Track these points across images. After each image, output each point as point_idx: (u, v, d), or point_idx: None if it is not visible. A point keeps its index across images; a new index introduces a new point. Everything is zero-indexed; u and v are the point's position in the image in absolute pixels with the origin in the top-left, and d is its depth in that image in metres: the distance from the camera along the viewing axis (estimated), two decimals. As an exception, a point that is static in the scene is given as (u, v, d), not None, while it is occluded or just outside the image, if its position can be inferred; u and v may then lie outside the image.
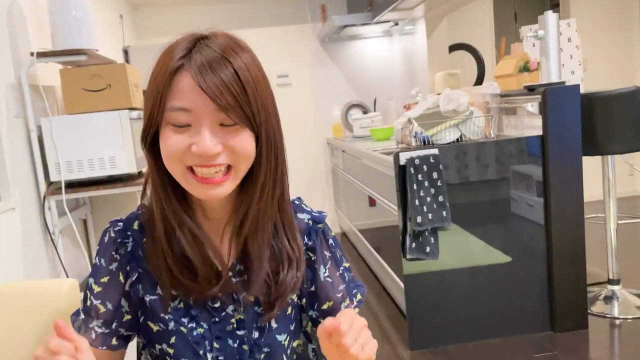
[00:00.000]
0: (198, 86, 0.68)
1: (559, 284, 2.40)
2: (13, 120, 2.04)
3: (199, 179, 0.72)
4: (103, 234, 0.84)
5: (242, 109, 0.70)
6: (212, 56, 0.70)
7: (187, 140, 0.71)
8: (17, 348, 1.03)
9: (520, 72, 2.59)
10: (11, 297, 1.07)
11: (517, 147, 2.37)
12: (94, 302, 0.82)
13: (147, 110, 0.74)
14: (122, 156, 2.15)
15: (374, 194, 3.01)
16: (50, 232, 2.15)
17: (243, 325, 0.83)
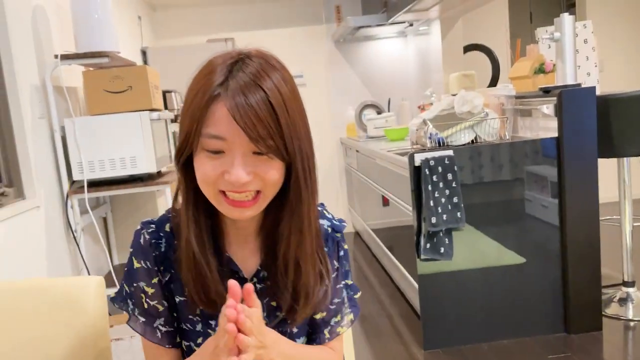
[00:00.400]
0: (232, 117, 0.71)
1: (574, 285, 2.41)
2: (37, 121, 2.10)
3: (230, 201, 0.75)
4: (137, 236, 0.86)
5: (274, 139, 0.72)
6: (246, 81, 0.72)
7: (220, 167, 0.74)
8: (43, 343, 1.05)
9: (536, 74, 2.59)
10: (38, 293, 1.10)
11: (532, 148, 2.38)
12: (151, 304, 0.85)
13: (183, 132, 0.76)
14: (143, 156, 2.20)
15: (388, 194, 3.03)
16: (72, 230, 2.21)
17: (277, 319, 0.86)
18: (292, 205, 0.79)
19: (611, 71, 4.53)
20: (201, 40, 4.25)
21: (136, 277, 0.85)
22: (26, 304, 1.08)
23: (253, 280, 0.85)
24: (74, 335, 1.07)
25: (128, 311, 0.87)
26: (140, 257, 0.85)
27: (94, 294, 1.11)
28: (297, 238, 0.80)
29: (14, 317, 1.08)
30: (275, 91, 0.73)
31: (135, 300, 0.86)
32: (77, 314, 1.09)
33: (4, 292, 1.11)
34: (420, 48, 4.38)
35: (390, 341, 2.57)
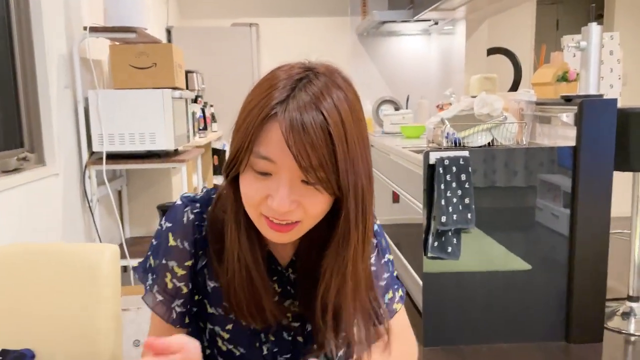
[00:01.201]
0: (285, 141, 0.65)
1: (578, 295, 2.41)
2: (62, 91, 2.14)
3: (269, 222, 0.71)
4: (179, 213, 0.81)
5: (325, 171, 0.66)
6: (306, 102, 0.66)
7: (265, 190, 0.69)
8: (55, 305, 1.09)
9: (559, 82, 2.58)
10: (54, 257, 1.13)
11: (548, 156, 2.38)
12: (177, 285, 0.82)
13: (234, 146, 0.71)
14: (162, 133, 2.23)
15: (399, 191, 3.04)
16: (88, 200, 2.25)
17: (298, 318, 0.83)
18: (337, 245, 0.73)
19: (634, 85, 4.49)
20: (225, 24, 4.27)
21: (168, 255, 0.81)
22: (41, 266, 1.11)
23: (288, 271, 0.83)
24: (86, 300, 1.09)
25: (145, 285, 0.85)
26: (179, 235, 0.80)
27: (108, 261, 1.13)
28: (338, 282, 0.74)
29: (28, 278, 1.11)
30: (335, 116, 0.66)
31: (157, 277, 0.82)
32: (90, 279, 1.11)
33: (20, 253, 1.14)
34: (444, 47, 4.36)
35: (390, 335, 2.59)
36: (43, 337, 1.10)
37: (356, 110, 0.70)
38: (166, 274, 0.82)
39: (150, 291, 0.83)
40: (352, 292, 0.74)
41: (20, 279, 1.11)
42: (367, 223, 0.73)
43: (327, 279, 0.74)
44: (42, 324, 1.10)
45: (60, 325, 1.10)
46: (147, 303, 0.84)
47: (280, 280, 0.82)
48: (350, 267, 0.73)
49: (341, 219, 0.71)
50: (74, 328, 1.10)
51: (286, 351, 0.86)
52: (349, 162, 0.68)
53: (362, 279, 0.76)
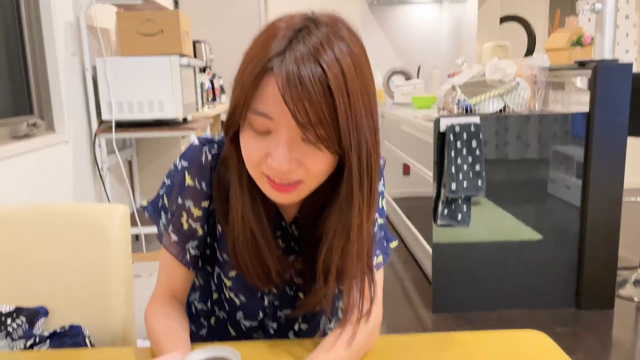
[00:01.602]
0: (282, 97, 0.61)
1: (589, 263, 2.40)
2: (70, 58, 2.13)
3: (271, 183, 0.68)
4: (197, 152, 0.79)
5: (325, 129, 0.62)
6: (304, 54, 0.61)
7: (264, 149, 0.66)
8: (67, 265, 1.09)
9: (573, 46, 2.53)
10: (65, 217, 1.13)
11: (561, 123, 2.34)
12: (193, 226, 0.80)
13: (232, 102, 0.68)
14: (170, 101, 2.22)
15: (410, 161, 3.02)
16: (99, 168, 2.26)
17: (301, 274, 0.82)
18: (341, 206, 0.70)
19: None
20: (234, -7, 4.21)
21: (184, 194, 0.79)
22: (52, 226, 1.12)
23: (292, 227, 0.82)
24: (96, 259, 1.10)
25: (159, 224, 0.83)
26: (196, 175, 0.78)
27: (118, 220, 1.13)
28: (341, 243, 0.71)
29: (40, 238, 1.11)
30: (336, 69, 0.62)
31: (173, 216, 0.81)
32: (101, 239, 1.12)
33: (31, 213, 1.15)
34: (455, 16, 4.28)
35: (399, 303, 2.61)
36: (56, 295, 1.10)
37: (360, 63, 0.65)
38: (182, 214, 0.80)
39: (165, 231, 0.82)
40: (356, 254, 0.71)
41: (31, 239, 1.12)
42: (372, 183, 0.69)
43: (329, 240, 0.72)
44: (55, 283, 1.11)
45: (72, 284, 1.11)
46: (161, 242, 0.83)
47: (284, 235, 0.82)
48: (356, 228, 0.70)
49: (344, 179, 0.67)
50: (86, 287, 1.10)
51: (287, 306, 0.85)
52: (351, 119, 0.63)
53: (367, 241, 0.73)
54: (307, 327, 0.89)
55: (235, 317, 0.88)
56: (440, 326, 2.35)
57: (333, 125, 0.62)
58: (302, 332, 0.89)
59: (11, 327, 1.05)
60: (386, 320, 2.40)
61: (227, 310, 0.88)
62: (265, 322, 0.87)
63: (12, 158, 1.67)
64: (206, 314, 0.93)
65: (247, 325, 0.88)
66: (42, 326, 1.09)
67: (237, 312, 0.87)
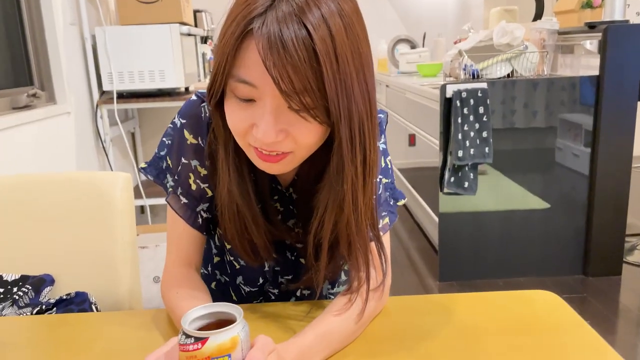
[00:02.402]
0: (263, 63, 0.56)
1: (597, 230, 2.38)
2: (68, 28, 2.10)
3: (259, 153, 0.64)
4: (194, 108, 0.75)
5: (311, 96, 0.57)
6: (287, 14, 0.56)
7: (250, 119, 0.61)
8: (71, 233, 1.08)
9: (583, 9, 2.46)
10: (67, 184, 1.12)
11: (570, 87, 2.29)
12: (201, 186, 0.76)
13: (214, 67, 0.62)
14: (172, 70, 2.19)
15: (416, 130, 2.99)
16: (102, 139, 2.25)
17: (301, 239, 0.79)
18: (330, 179, 0.64)
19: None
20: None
21: (188, 153, 0.75)
22: (54, 194, 1.11)
23: (289, 190, 0.78)
24: (100, 227, 1.09)
25: (165, 186, 0.79)
26: (197, 132, 0.74)
27: (121, 187, 1.12)
28: (333, 216, 0.66)
29: (42, 207, 1.10)
30: (323, 30, 0.56)
31: (180, 178, 0.76)
32: (104, 206, 1.11)
33: (32, 182, 1.14)
34: (462, -19, 4.18)
35: (405, 272, 2.61)
36: (61, 263, 1.10)
37: (352, 24, 0.59)
38: (189, 175, 0.76)
39: (175, 193, 0.78)
40: (355, 227, 0.66)
41: (35, 208, 1.11)
42: (366, 154, 0.63)
43: (320, 214, 0.67)
44: (60, 251, 1.10)
45: (77, 252, 1.10)
46: (171, 205, 0.78)
47: (281, 199, 0.78)
48: (350, 201, 0.64)
49: (334, 150, 0.62)
50: (91, 255, 1.10)
51: (288, 271, 0.83)
52: (340, 86, 0.58)
53: (366, 213, 0.67)
54: (310, 293, 0.88)
55: (236, 282, 0.86)
56: (447, 293, 2.35)
57: (320, 93, 0.57)
58: (304, 298, 0.88)
59: (17, 295, 1.05)
60: (392, 289, 2.40)
61: (229, 274, 0.87)
62: (265, 288, 0.85)
63: (13, 128, 1.65)
64: (207, 278, 0.92)
65: (247, 291, 0.86)
66: (49, 294, 1.09)
67: (238, 276, 0.85)
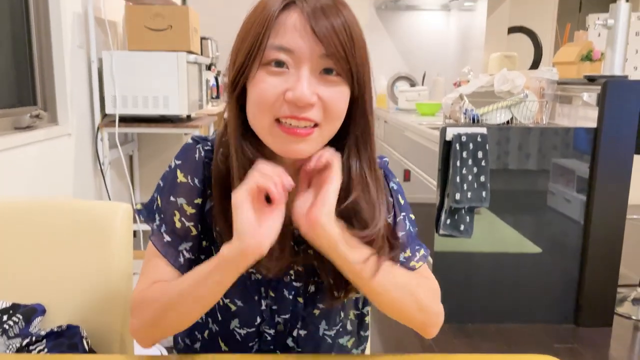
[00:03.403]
0: (309, 26, 0.65)
1: (589, 280, 2.38)
2: (76, 50, 2.11)
3: (285, 129, 0.67)
4: (188, 150, 0.79)
5: (348, 60, 0.66)
6: (324, 2, 0.66)
7: (282, 85, 0.66)
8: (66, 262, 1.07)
9: (582, 61, 2.52)
10: (66, 213, 1.11)
11: (568, 136, 2.32)
12: (186, 224, 0.77)
13: (242, 51, 0.69)
14: (176, 97, 2.20)
15: (412, 168, 3.00)
16: (100, 162, 2.24)
17: (301, 278, 0.80)
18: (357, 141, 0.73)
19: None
20: (242, -9, 4.18)
21: (176, 192, 0.77)
22: (53, 221, 1.09)
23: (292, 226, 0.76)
24: (98, 255, 1.08)
25: (152, 226, 0.80)
26: (188, 172, 0.77)
27: (121, 218, 1.12)
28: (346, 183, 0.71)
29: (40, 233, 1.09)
30: (353, 21, 0.68)
31: (165, 216, 0.78)
32: (102, 237, 1.09)
33: (30, 208, 1.12)
34: (463, 24, 4.27)
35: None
36: (54, 293, 1.08)
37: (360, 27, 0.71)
38: (174, 213, 0.77)
39: (159, 231, 0.78)
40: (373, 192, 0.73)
41: (31, 234, 1.10)
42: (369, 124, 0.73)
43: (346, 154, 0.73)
44: (53, 281, 1.08)
45: (71, 281, 1.08)
46: (154, 244, 0.78)
47: (283, 235, 0.75)
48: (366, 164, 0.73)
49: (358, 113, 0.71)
50: (85, 285, 1.08)
51: (285, 311, 0.81)
52: (364, 58, 0.69)
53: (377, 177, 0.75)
54: (306, 333, 0.85)
55: (229, 327, 0.84)
56: (438, 338, 2.32)
57: (353, 59, 0.67)
58: (300, 338, 0.85)
59: (7, 325, 1.02)
60: (383, 329, 2.38)
61: (221, 321, 0.84)
62: (262, 328, 0.83)
63: (14, 149, 1.64)
64: (200, 327, 0.88)
65: (242, 334, 0.84)
66: (39, 324, 1.06)
67: (233, 320, 0.83)
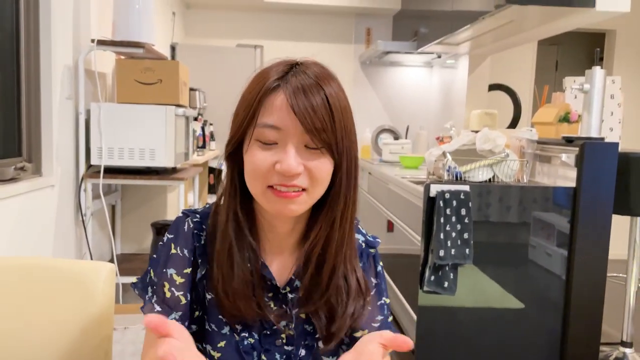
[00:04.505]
0: (290, 107, 0.72)
1: (573, 338, 2.38)
2: (65, 102, 2.12)
3: (277, 192, 0.75)
4: (179, 223, 0.84)
5: (327, 134, 0.74)
6: (306, 82, 0.74)
7: (272, 157, 0.74)
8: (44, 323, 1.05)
9: (560, 122, 2.60)
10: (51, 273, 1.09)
11: (548, 195, 2.37)
12: (175, 294, 0.81)
13: (236, 123, 0.78)
14: (162, 150, 2.21)
15: (396, 221, 3.02)
16: (82, 213, 2.21)
17: (292, 341, 0.83)
18: (329, 201, 0.79)
19: (630, 129, 4.54)
20: (229, 44, 4.29)
21: (167, 263, 0.81)
22: (34, 281, 1.07)
23: (286, 289, 0.83)
24: (78, 319, 1.05)
25: (144, 298, 0.84)
26: (180, 244, 0.82)
27: (104, 280, 1.10)
28: (325, 232, 0.79)
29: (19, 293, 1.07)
30: (333, 94, 0.75)
31: (157, 287, 0.82)
32: (84, 298, 1.08)
33: (12, 266, 1.10)
34: (445, 80, 4.40)
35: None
36: (33, 354, 1.05)
37: (343, 91, 0.79)
38: (164, 284, 0.81)
39: (150, 302, 0.82)
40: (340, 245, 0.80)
41: (10, 294, 1.07)
42: (354, 188, 0.80)
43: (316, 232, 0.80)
44: (33, 341, 1.05)
45: (51, 344, 1.06)
46: (145, 314, 0.80)
47: (276, 298, 0.82)
48: (339, 219, 0.79)
49: (336, 179, 0.78)
50: (66, 348, 1.05)
51: None
52: (344, 130, 0.76)
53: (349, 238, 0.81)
54: None
55: None
56: (422, 397, 2.28)
57: (333, 133, 0.74)
58: None
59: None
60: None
61: None
62: None
63: (-4, 202, 1.62)
64: None
65: None
66: (13, 392, 1.02)
67: None
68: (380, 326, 0.89)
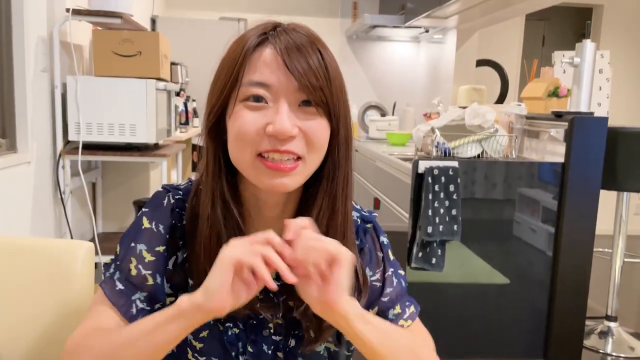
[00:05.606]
0: (282, 62, 0.64)
1: (559, 313, 2.39)
2: (39, 75, 2.03)
3: (269, 164, 0.66)
4: (158, 197, 0.75)
5: (324, 92, 0.66)
6: (300, 40, 0.66)
7: (262, 119, 0.65)
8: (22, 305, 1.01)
9: (549, 97, 2.57)
10: (26, 252, 1.05)
11: (537, 170, 2.36)
12: (142, 272, 0.72)
13: (217, 89, 0.69)
14: (144, 125, 2.13)
15: (384, 198, 2.99)
16: (60, 191, 2.14)
17: (280, 331, 0.76)
18: (327, 174, 0.71)
19: (617, 103, 4.55)
20: (212, 17, 4.17)
21: (138, 238, 0.73)
22: (11, 260, 1.04)
23: (273, 276, 0.75)
24: (57, 299, 1.02)
25: (106, 273, 0.75)
26: (155, 218, 0.73)
27: (82, 259, 1.07)
28: (328, 214, 0.71)
29: (-5, 273, 1.03)
30: (329, 59, 0.68)
31: (121, 262, 0.73)
32: (62, 278, 1.05)
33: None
34: (433, 56, 4.34)
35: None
36: (9, 337, 1.01)
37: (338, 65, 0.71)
38: (131, 259, 0.72)
39: (111, 279, 0.73)
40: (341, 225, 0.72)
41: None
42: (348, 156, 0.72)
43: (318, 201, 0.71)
44: (9, 323, 1.01)
45: (27, 325, 1.02)
46: (104, 291, 0.72)
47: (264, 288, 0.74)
48: (340, 197, 0.71)
49: (332, 145, 0.70)
50: (42, 329, 1.02)
51: None
52: (340, 89, 0.68)
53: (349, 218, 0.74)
54: None
55: None
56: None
57: (329, 91, 0.66)
58: None
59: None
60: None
61: None
62: None
63: (-33, 180, 1.54)
64: None
65: None
66: (-9, 373, 0.99)
67: None
68: (390, 299, 0.83)
